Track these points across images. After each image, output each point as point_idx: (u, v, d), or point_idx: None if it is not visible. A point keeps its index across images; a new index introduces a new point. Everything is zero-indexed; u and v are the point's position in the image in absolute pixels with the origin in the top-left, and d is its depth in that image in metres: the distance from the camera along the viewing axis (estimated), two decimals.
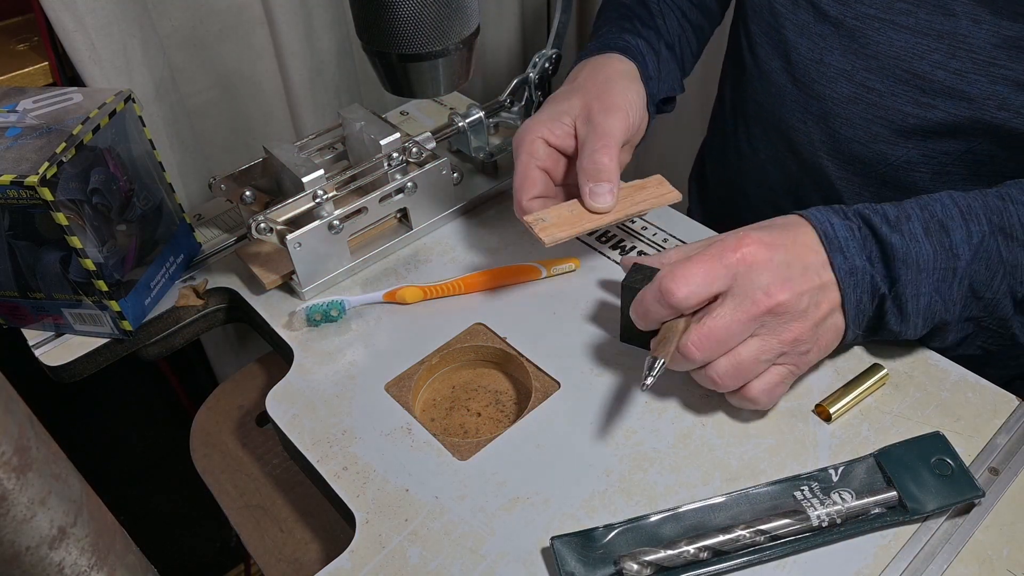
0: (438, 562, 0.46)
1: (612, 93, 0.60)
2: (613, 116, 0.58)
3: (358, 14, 0.52)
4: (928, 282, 0.49)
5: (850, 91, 0.63)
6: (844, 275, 0.48)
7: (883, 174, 0.65)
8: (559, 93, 0.63)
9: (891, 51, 0.59)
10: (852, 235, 0.49)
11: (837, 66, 0.63)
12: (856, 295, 0.49)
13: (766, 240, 0.48)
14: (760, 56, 0.70)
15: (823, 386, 0.54)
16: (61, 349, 0.61)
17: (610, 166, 0.57)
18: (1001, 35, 0.54)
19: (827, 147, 0.67)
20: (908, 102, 0.60)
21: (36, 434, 0.32)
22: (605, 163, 0.57)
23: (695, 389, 0.54)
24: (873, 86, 0.61)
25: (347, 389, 0.57)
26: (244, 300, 0.64)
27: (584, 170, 0.57)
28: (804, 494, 0.47)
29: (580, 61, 0.67)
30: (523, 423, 0.53)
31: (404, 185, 0.64)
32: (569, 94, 0.62)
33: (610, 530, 0.46)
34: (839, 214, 0.50)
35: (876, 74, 0.61)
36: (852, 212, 0.50)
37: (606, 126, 0.58)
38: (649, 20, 0.71)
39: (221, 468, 0.68)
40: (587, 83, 0.62)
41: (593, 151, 0.57)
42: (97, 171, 0.55)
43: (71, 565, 0.34)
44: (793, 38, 0.65)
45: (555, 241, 0.56)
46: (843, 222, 0.50)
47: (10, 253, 0.56)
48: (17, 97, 0.58)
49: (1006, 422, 0.51)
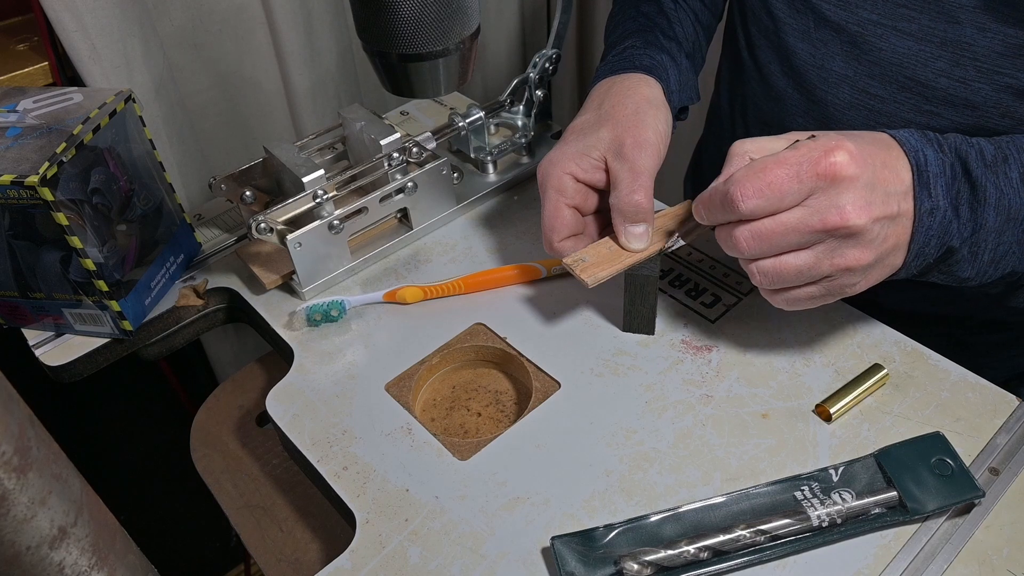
0: (438, 562, 0.46)
1: (644, 127, 0.57)
2: (646, 152, 0.56)
3: (359, 14, 0.52)
4: (1013, 231, 0.47)
5: (852, 97, 0.62)
6: (924, 214, 0.46)
7: None
8: (585, 122, 0.59)
9: (893, 58, 0.58)
10: (943, 171, 0.46)
11: (839, 72, 0.62)
12: (925, 238, 0.47)
13: (857, 154, 0.44)
14: (760, 58, 0.69)
15: (823, 386, 0.54)
16: (61, 349, 0.61)
17: (646, 206, 0.54)
18: (1006, 43, 0.53)
19: None
20: (910, 109, 0.59)
21: (36, 434, 0.32)
22: (642, 203, 0.54)
23: (695, 389, 0.54)
24: (875, 92, 0.61)
25: (347, 389, 0.57)
26: (244, 300, 0.64)
27: (621, 211, 0.55)
28: (804, 494, 0.47)
29: (602, 76, 0.64)
30: (523, 423, 0.53)
31: (404, 185, 0.64)
32: (597, 125, 0.58)
33: (610, 530, 0.46)
34: (933, 144, 0.47)
35: (878, 80, 0.60)
36: (948, 146, 0.48)
37: (640, 164, 0.55)
38: (669, 30, 0.69)
39: (221, 468, 0.68)
40: (615, 112, 0.58)
41: (630, 191, 0.54)
42: (97, 171, 0.55)
43: (71, 565, 0.34)
44: (793, 43, 0.64)
45: (597, 281, 0.54)
46: (936, 154, 0.47)
47: (10, 253, 0.56)
48: (17, 97, 0.58)
49: (1006, 422, 0.51)
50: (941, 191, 0.46)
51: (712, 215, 0.49)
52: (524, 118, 0.75)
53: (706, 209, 0.49)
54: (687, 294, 0.61)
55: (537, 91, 0.73)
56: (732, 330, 0.58)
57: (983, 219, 0.46)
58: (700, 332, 0.58)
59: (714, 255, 0.64)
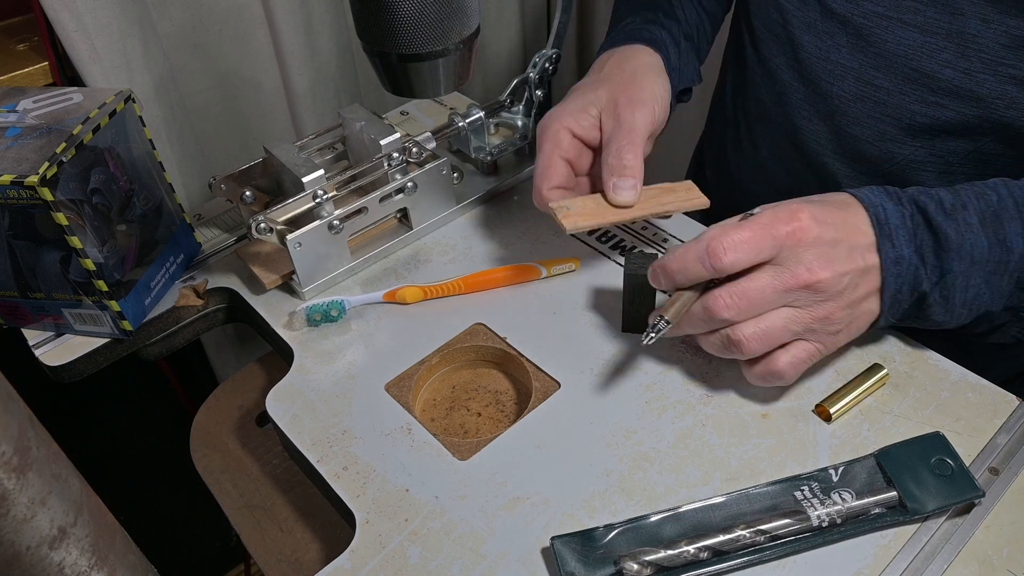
0: (438, 562, 0.46)
1: (639, 86, 0.60)
2: (639, 110, 0.58)
3: (358, 14, 0.52)
4: (980, 274, 0.48)
5: (857, 89, 0.63)
6: (889, 263, 0.48)
7: (889, 172, 0.65)
8: (584, 83, 0.63)
9: (899, 49, 0.59)
10: (903, 223, 0.48)
11: (844, 64, 0.63)
12: (896, 285, 0.49)
13: (819, 216, 0.48)
14: (764, 52, 0.70)
15: (823, 386, 0.54)
16: (61, 349, 0.61)
17: (635, 162, 0.57)
18: (1010, 35, 0.54)
19: (833, 145, 0.67)
20: (916, 101, 0.60)
21: (36, 434, 0.32)
22: (630, 159, 0.57)
23: (695, 389, 0.54)
24: (881, 84, 0.61)
25: (347, 389, 0.57)
26: (244, 300, 0.64)
27: (609, 165, 0.57)
28: (804, 494, 0.47)
29: (604, 50, 0.67)
30: (523, 423, 0.53)
31: (404, 185, 0.64)
32: (595, 85, 0.61)
33: (610, 530, 0.46)
34: (893, 198, 0.50)
35: (884, 72, 0.61)
36: (907, 198, 0.50)
37: (632, 121, 0.58)
38: (670, 10, 0.71)
39: (221, 468, 0.68)
40: (614, 74, 0.62)
41: (619, 147, 0.57)
42: (97, 171, 0.55)
43: (71, 565, 0.34)
44: (799, 35, 0.65)
45: (577, 229, 0.56)
46: (896, 207, 0.49)
47: (10, 253, 0.56)
48: (17, 97, 0.58)
49: (1006, 422, 0.51)
50: (903, 240, 0.48)
51: (685, 273, 0.49)
52: (524, 118, 0.75)
53: (679, 266, 0.49)
54: None
55: (537, 91, 0.73)
56: None
57: (948, 264, 0.48)
58: None
59: None
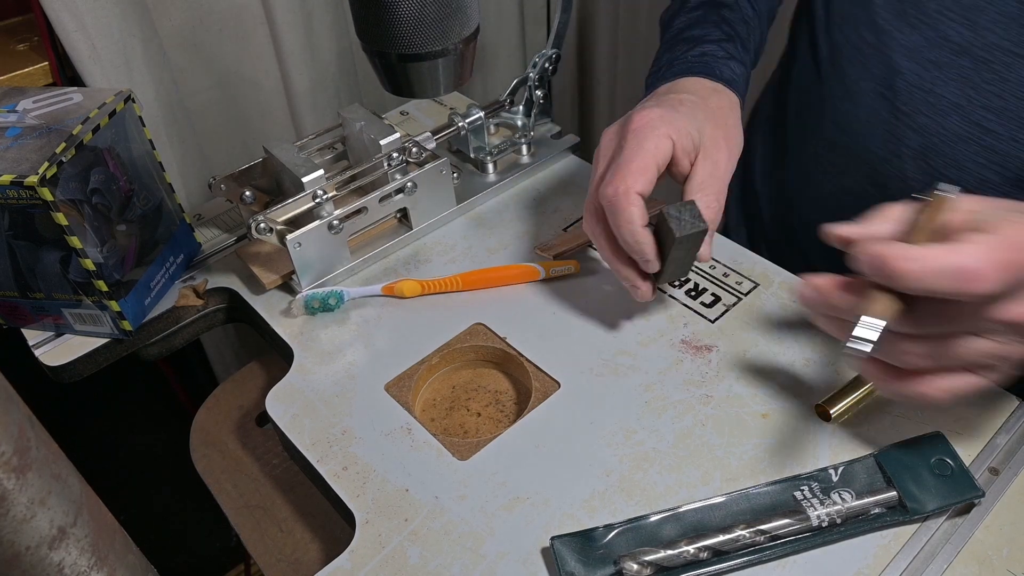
0: (438, 562, 0.46)
1: (736, 141, 0.55)
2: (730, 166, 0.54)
3: (358, 14, 0.52)
4: None
5: (962, 129, 0.56)
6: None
7: None
8: (685, 99, 0.55)
9: (1020, 91, 0.53)
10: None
11: (950, 99, 0.56)
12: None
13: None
14: (847, 72, 0.62)
15: (823, 386, 0.54)
16: (61, 349, 0.61)
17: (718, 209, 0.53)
18: None
19: (920, 187, 0.59)
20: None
21: (36, 434, 0.32)
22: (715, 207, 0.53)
23: (695, 389, 0.54)
24: (991, 127, 0.55)
25: (347, 389, 0.57)
26: (244, 300, 0.64)
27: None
28: (804, 494, 0.47)
29: (683, 73, 0.59)
30: (523, 423, 0.53)
31: (404, 185, 0.64)
32: (696, 109, 0.54)
33: (610, 530, 0.46)
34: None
35: (997, 114, 0.54)
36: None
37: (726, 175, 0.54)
38: (748, 41, 0.64)
39: (221, 468, 0.68)
40: (711, 111, 0.55)
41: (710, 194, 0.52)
42: (97, 171, 0.55)
43: (71, 565, 0.34)
44: (899, 60, 0.58)
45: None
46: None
47: (10, 253, 0.56)
48: (17, 97, 0.58)
49: (1006, 422, 0.51)
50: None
51: (916, 283, 0.38)
52: (524, 118, 0.75)
53: (916, 276, 0.38)
54: (687, 294, 0.61)
55: (537, 91, 0.73)
56: (732, 330, 0.58)
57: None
58: (700, 332, 0.58)
59: (714, 255, 0.64)
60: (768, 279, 0.62)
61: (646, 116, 0.52)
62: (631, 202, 0.50)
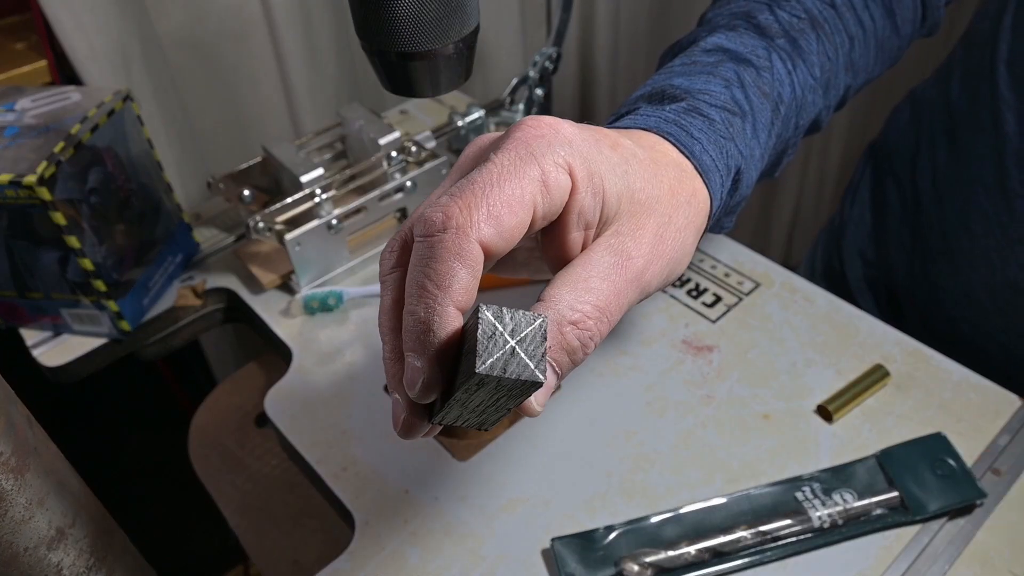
0: (438, 563, 0.46)
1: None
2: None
3: (357, 13, 0.52)
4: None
5: None
6: None
7: None
8: (623, 144, 0.35)
9: None
10: None
11: None
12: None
13: None
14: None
15: (825, 386, 0.54)
16: (59, 349, 0.61)
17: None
18: None
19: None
20: None
21: (34, 435, 0.32)
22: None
23: (696, 390, 0.54)
24: None
25: (346, 390, 0.56)
26: (243, 300, 0.64)
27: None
28: (805, 495, 0.47)
29: (642, 112, 0.39)
30: (523, 423, 0.53)
31: (403, 184, 0.64)
32: (633, 170, 0.34)
33: (610, 531, 0.46)
34: None
35: None
36: None
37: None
38: (764, 107, 0.42)
39: (220, 469, 0.67)
40: (660, 193, 0.35)
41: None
42: (95, 170, 0.55)
43: (69, 566, 0.34)
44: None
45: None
46: None
47: (8, 253, 0.55)
48: (15, 96, 0.58)
49: (1008, 422, 0.51)
50: None
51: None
52: (525, 116, 0.75)
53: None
54: (688, 294, 0.61)
55: (537, 90, 0.73)
56: (733, 330, 0.58)
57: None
58: (701, 332, 0.58)
59: (715, 255, 0.64)
60: (770, 279, 0.62)
61: (546, 127, 0.32)
62: (463, 253, 0.28)
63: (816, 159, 1.59)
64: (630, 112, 0.40)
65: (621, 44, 1.28)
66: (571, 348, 0.29)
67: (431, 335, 0.27)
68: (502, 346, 0.26)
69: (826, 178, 1.64)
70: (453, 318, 0.28)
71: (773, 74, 0.43)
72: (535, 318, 0.26)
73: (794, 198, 1.63)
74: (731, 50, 0.43)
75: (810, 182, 1.62)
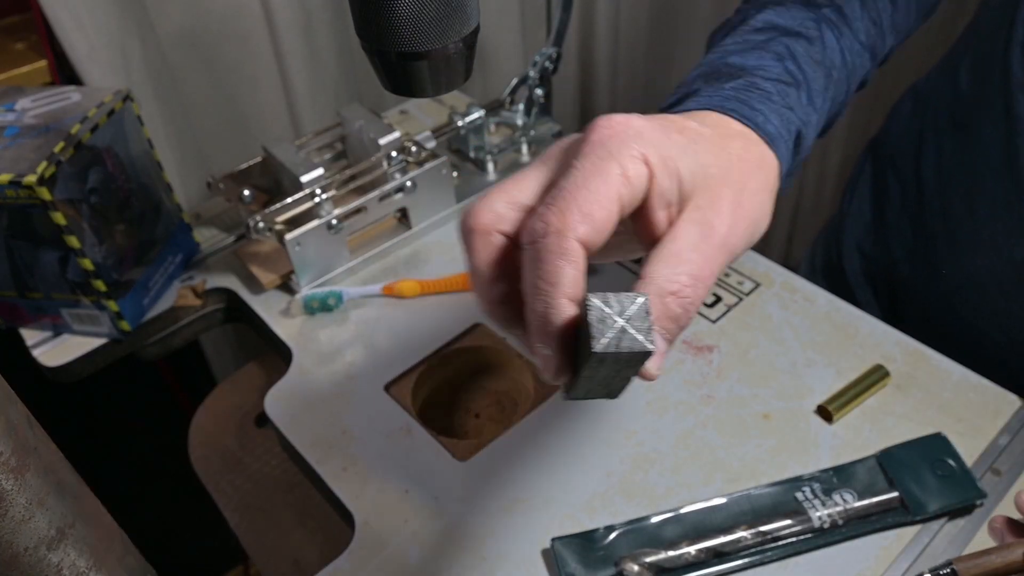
0: (438, 563, 0.46)
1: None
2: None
3: (357, 12, 0.51)
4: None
5: None
6: None
7: None
8: (690, 127, 0.38)
9: None
10: None
11: None
12: None
13: None
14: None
15: (825, 387, 0.54)
16: (59, 349, 0.61)
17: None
18: None
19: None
20: None
21: (34, 435, 0.32)
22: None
23: (696, 389, 0.54)
24: None
25: (346, 389, 0.56)
26: (243, 300, 0.64)
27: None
28: (806, 495, 0.47)
29: (704, 93, 0.42)
30: (523, 423, 0.53)
31: (403, 184, 0.64)
32: (702, 149, 0.37)
33: (611, 531, 0.46)
34: None
35: None
36: None
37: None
38: (817, 74, 0.46)
39: (219, 469, 0.67)
40: (731, 166, 0.38)
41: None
42: (95, 170, 0.55)
43: (69, 566, 0.34)
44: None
45: None
46: None
47: (8, 253, 0.55)
48: (15, 96, 0.58)
49: (1008, 422, 0.51)
50: None
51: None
52: (524, 117, 0.75)
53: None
54: None
55: (537, 90, 0.73)
56: (733, 330, 0.58)
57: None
58: (701, 332, 0.58)
59: None
60: (770, 279, 0.62)
61: (618, 125, 0.34)
62: (566, 252, 0.31)
63: (816, 160, 1.59)
64: (690, 94, 0.44)
65: (621, 44, 1.28)
66: (675, 315, 0.33)
67: (551, 325, 0.32)
68: (612, 326, 0.30)
69: (826, 179, 1.64)
70: (566, 308, 0.31)
71: (824, 43, 0.47)
72: (637, 296, 0.31)
73: (794, 199, 1.63)
74: (781, 26, 0.47)
75: (810, 183, 1.62)
